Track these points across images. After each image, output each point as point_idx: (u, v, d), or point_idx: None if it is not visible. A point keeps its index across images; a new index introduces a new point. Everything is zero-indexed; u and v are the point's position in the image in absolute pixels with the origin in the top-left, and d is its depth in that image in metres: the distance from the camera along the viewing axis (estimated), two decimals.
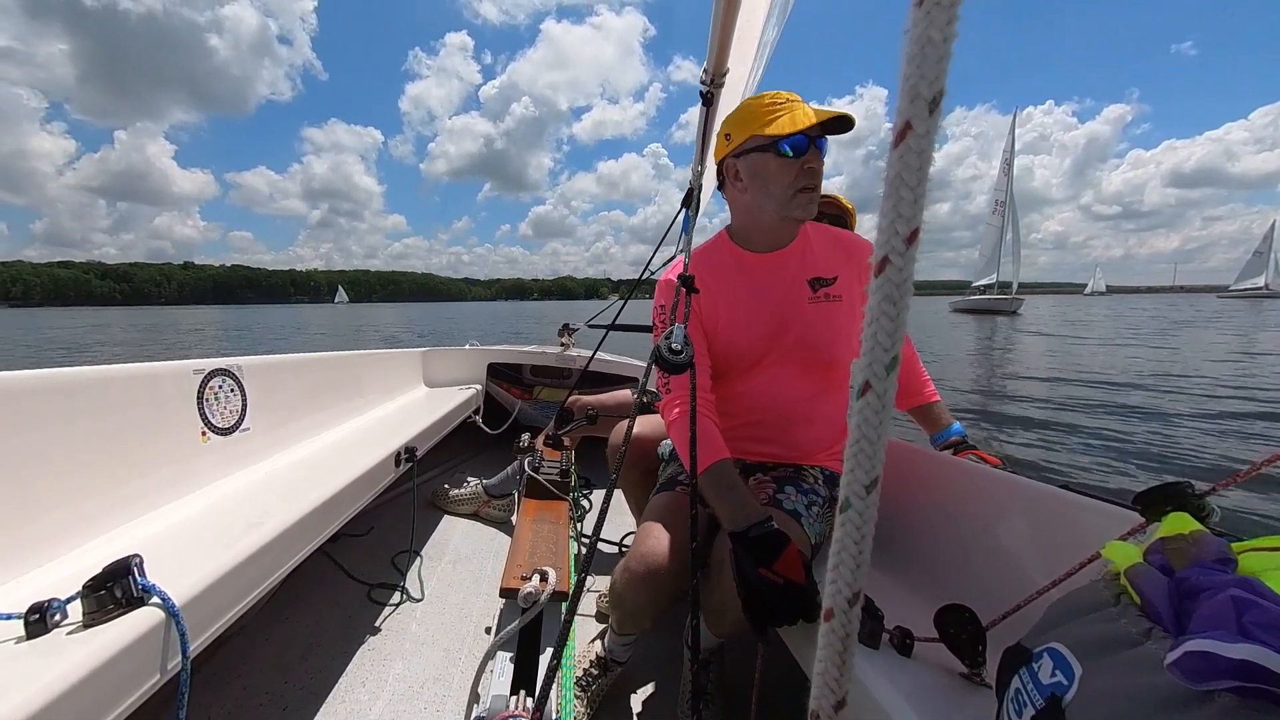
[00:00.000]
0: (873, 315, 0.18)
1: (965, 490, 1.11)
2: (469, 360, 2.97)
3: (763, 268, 1.14)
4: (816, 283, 1.12)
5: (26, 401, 0.94)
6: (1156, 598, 0.48)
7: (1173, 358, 10.87)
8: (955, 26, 0.16)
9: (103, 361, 1.16)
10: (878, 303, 0.18)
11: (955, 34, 0.16)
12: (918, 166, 0.17)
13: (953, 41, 0.16)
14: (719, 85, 1.13)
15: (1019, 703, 0.52)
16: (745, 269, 1.15)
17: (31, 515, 0.92)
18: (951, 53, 0.16)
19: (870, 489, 0.20)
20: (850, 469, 0.20)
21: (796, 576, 0.82)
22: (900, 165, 0.17)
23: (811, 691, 0.23)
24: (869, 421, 0.19)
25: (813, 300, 1.12)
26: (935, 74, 0.16)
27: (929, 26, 0.16)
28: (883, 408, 0.19)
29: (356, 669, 1.35)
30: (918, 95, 0.16)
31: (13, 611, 0.71)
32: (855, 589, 0.21)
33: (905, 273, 0.18)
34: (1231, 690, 0.37)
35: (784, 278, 1.13)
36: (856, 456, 0.19)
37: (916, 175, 0.17)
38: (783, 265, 1.13)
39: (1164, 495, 0.67)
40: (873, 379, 0.19)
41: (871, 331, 0.18)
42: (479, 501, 2.26)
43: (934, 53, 0.16)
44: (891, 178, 0.17)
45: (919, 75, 0.16)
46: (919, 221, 0.17)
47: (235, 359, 1.48)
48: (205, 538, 1.02)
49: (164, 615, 0.73)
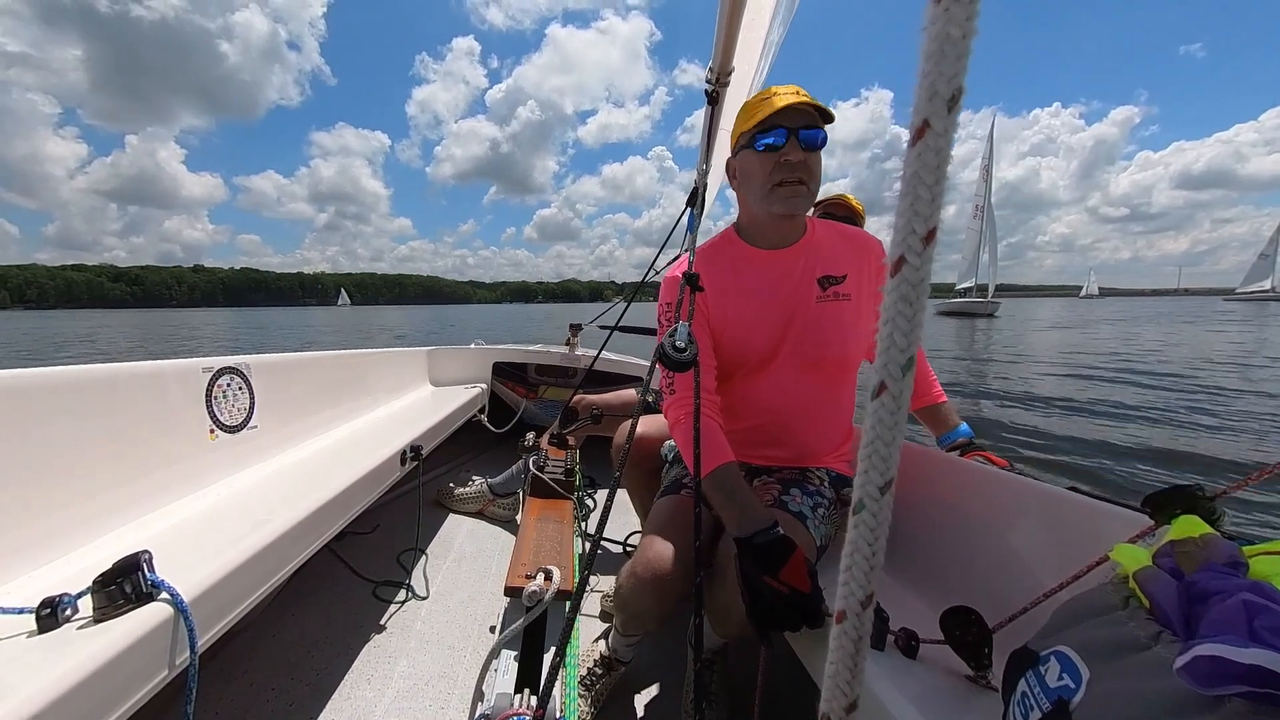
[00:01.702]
0: (888, 315, 0.18)
1: (972, 491, 1.10)
2: (474, 359, 2.97)
3: (769, 264, 1.12)
4: (826, 281, 1.10)
5: (38, 399, 0.95)
6: (1166, 601, 0.47)
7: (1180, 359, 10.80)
8: (975, 23, 0.15)
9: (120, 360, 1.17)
10: (894, 303, 0.18)
11: (975, 31, 0.15)
12: (935, 165, 0.16)
13: (972, 39, 0.16)
14: (724, 85, 1.13)
15: (1025, 706, 0.52)
16: (752, 264, 1.13)
17: (43, 511, 0.92)
18: (970, 50, 0.16)
19: (885, 490, 0.19)
20: (864, 470, 0.20)
21: (801, 585, 0.82)
22: (918, 164, 0.17)
23: (823, 694, 0.23)
24: (884, 422, 0.19)
25: (821, 299, 1.10)
26: (954, 72, 0.16)
27: (948, 23, 0.16)
28: (898, 409, 0.19)
29: (362, 666, 1.35)
30: (936, 93, 0.16)
31: (24, 606, 0.72)
32: (868, 591, 0.21)
33: (922, 272, 0.17)
34: (1242, 696, 0.37)
35: (791, 275, 1.11)
36: (871, 458, 0.19)
37: (935, 174, 0.17)
38: (790, 263, 1.12)
39: (1174, 498, 0.66)
40: (888, 379, 0.18)
41: (887, 331, 0.18)
42: (484, 500, 2.26)
43: (953, 50, 0.16)
44: (909, 176, 0.17)
45: (937, 73, 0.16)
46: (937, 221, 0.17)
47: (243, 357, 1.49)
48: (213, 534, 1.03)
49: (173, 611, 0.74)
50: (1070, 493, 0.93)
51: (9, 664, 0.64)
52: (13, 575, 0.86)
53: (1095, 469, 4.22)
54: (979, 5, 0.15)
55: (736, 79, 1.16)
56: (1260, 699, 0.36)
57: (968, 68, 0.16)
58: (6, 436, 0.89)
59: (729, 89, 1.18)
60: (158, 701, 0.72)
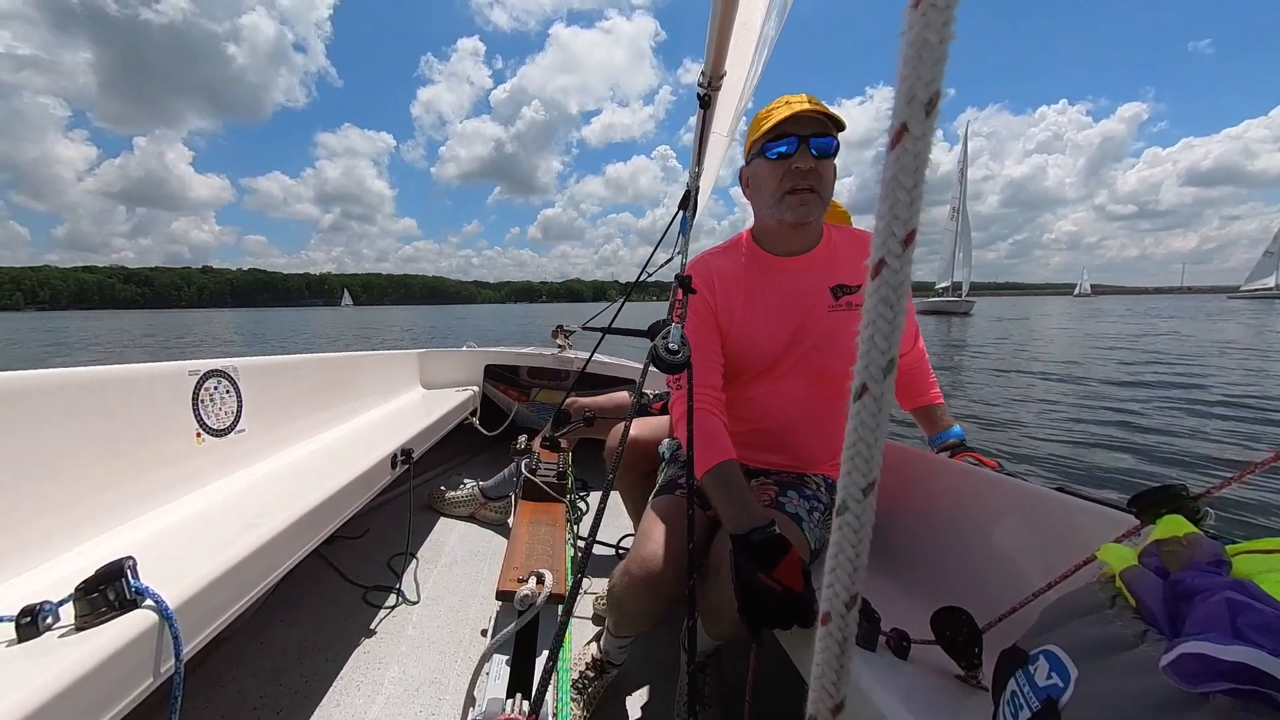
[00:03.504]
0: (869, 318, 0.18)
1: (961, 492, 1.11)
2: (466, 362, 2.96)
3: (783, 271, 1.12)
4: (840, 290, 1.09)
5: (20, 402, 0.93)
6: (1152, 600, 0.48)
7: (1167, 358, 10.97)
8: (952, 28, 0.16)
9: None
10: (875, 305, 0.18)
11: (952, 35, 0.16)
12: (914, 168, 0.17)
13: (949, 43, 0.16)
14: (716, 88, 1.13)
15: (1015, 705, 0.52)
16: (765, 270, 1.13)
17: (24, 517, 0.91)
18: (948, 54, 0.16)
19: (867, 492, 0.19)
20: (847, 471, 0.20)
21: (795, 585, 0.82)
22: (897, 167, 0.17)
23: (809, 695, 0.23)
24: (866, 424, 0.19)
25: (833, 308, 1.08)
26: (931, 76, 0.16)
27: (925, 29, 0.16)
28: (880, 410, 0.19)
29: (351, 672, 1.34)
30: (914, 97, 0.16)
31: (4, 614, 0.70)
32: (853, 592, 0.21)
33: (902, 275, 0.17)
34: (1226, 693, 0.37)
35: (805, 283, 1.10)
36: (854, 459, 0.19)
37: (913, 177, 0.17)
38: (805, 270, 1.11)
39: (1159, 498, 0.67)
40: (870, 381, 0.19)
41: (868, 334, 0.18)
42: (475, 504, 2.25)
43: (930, 55, 0.16)
44: (888, 180, 0.17)
45: (915, 77, 0.16)
46: (916, 223, 0.17)
47: (231, 360, 1.47)
48: (199, 540, 1.01)
49: (157, 618, 0.73)
50: (1058, 493, 0.94)
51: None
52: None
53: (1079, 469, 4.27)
54: (955, 11, 0.15)
55: (729, 82, 1.16)
56: (1244, 695, 0.37)
57: (945, 72, 0.16)
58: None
59: (721, 93, 1.19)
60: (142, 710, 0.71)
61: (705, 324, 1.12)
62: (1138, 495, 0.69)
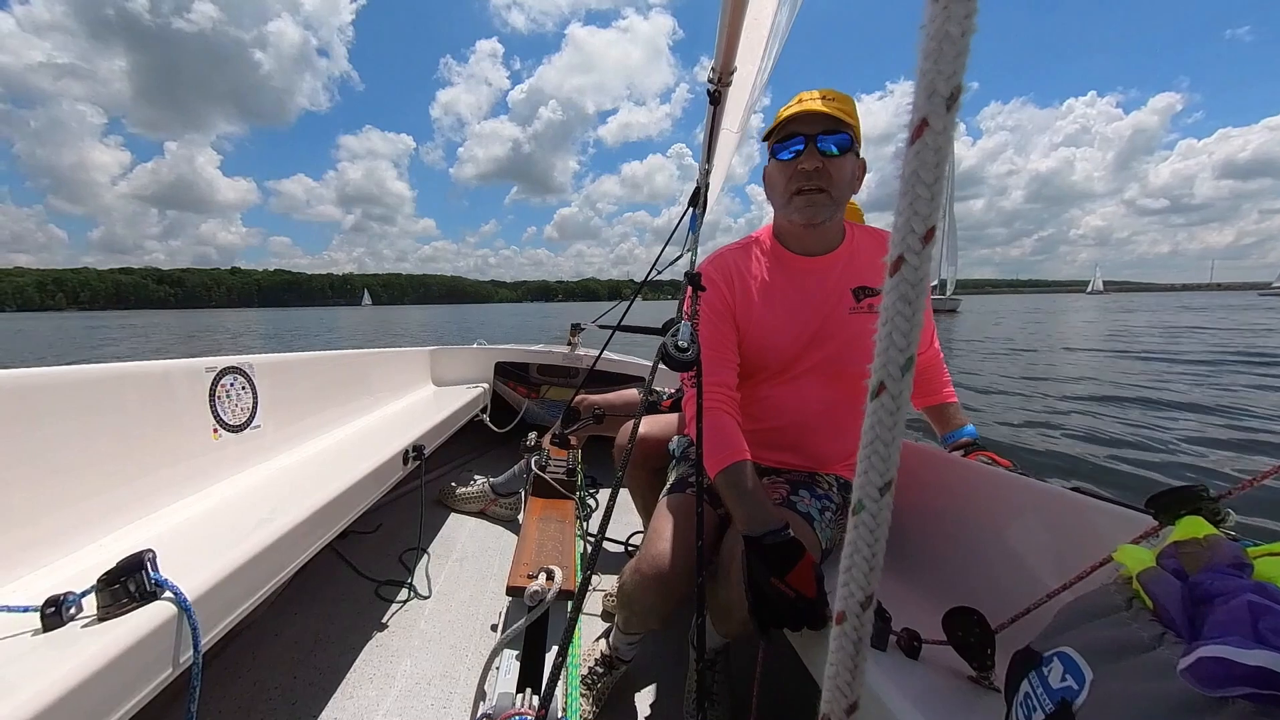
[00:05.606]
0: (887, 315, 0.18)
1: (975, 492, 1.10)
2: (476, 359, 2.98)
3: (805, 271, 1.10)
4: (861, 292, 1.07)
5: (43, 399, 0.95)
6: (1170, 602, 0.47)
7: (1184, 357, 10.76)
8: (974, 20, 0.15)
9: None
10: (893, 302, 0.18)
11: (974, 28, 0.15)
12: (934, 164, 0.16)
13: (971, 36, 0.15)
14: (727, 84, 1.13)
15: (1028, 707, 0.52)
16: (784, 269, 1.11)
17: (47, 510, 0.93)
18: (969, 48, 0.15)
19: (884, 491, 0.19)
20: (864, 471, 0.20)
21: (808, 590, 0.81)
22: (917, 163, 0.17)
23: (823, 695, 0.23)
24: (883, 423, 0.19)
25: (854, 310, 1.07)
26: (953, 70, 0.16)
27: (947, 21, 0.15)
28: (897, 409, 0.19)
29: (364, 665, 1.36)
30: (935, 91, 0.16)
31: (29, 604, 0.72)
32: (868, 592, 0.21)
33: (921, 272, 0.17)
34: (1246, 697, 0.37)
35: (826, 284, 1.08)
36: (870, 459, 0.19)
37: (933, 173, 0.16)
38: (826, 271, 1.09)
39: (1178, 499, 0.66)
40: (888, 380, 0.18)
41: (886, 331, 0.18)
42: (486, 500, 2.26)
43: (951, 48, 0.16)
44: (908, 175, 0.17)
45: (936, 71, 0.16)
46: (935, 220, 0.17)
47: (247, 357, 1.50)
48: (217, 534, 1.03)
49: (176, 610, 0.74)
50: (1073, 493, 0.92)
51: (13, 662, 0.64)
52: (17, 574, 0.86)
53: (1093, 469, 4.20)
54: (978, 3, 0.15)
55: (740, 77, 1.15)
56: (1265, 701, 0.36)
57: (966, 66, 0.16)
58: (11, 435, 0.90)
59: (731, 88, 1.18)
60: (161, 700, 0.73)
61: (722, 321, 1.11)
62: (1156, 496, 0.68)
